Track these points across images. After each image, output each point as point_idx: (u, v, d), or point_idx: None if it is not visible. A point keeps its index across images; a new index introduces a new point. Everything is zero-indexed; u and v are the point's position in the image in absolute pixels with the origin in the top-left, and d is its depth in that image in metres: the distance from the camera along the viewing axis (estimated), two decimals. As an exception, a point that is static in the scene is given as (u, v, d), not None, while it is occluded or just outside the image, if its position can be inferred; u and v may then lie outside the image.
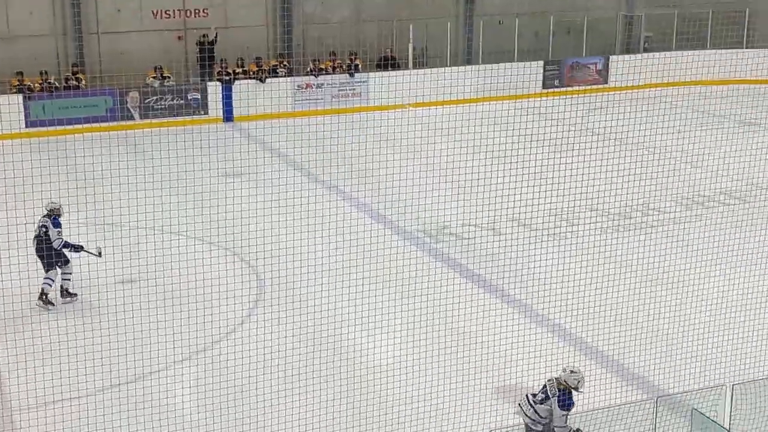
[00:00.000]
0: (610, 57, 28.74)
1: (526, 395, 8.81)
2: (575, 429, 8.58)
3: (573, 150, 17.08)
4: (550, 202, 14.05)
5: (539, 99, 26.61)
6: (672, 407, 9.35)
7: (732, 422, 8.54)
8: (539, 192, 14.03)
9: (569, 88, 27.84)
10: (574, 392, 8.54)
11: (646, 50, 29.58)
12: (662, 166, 17.38)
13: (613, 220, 16.03)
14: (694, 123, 23.34)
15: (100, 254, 12.85)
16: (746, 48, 28.79)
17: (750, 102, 25.63)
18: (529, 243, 14.72)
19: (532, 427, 8.66)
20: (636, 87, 26.06)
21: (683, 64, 25.92)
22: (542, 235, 15.25)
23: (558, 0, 29.55)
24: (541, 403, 8.60)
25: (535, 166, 13.57)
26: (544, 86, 27.84)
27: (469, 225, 15.94)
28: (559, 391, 8.53)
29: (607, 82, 28.20)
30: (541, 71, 27.82)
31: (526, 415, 8.69)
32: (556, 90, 27.71)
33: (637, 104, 19.79)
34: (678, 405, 9.41)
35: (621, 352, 11.26)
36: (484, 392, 10.35)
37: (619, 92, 26.42)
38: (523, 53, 28.12)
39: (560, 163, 15.19)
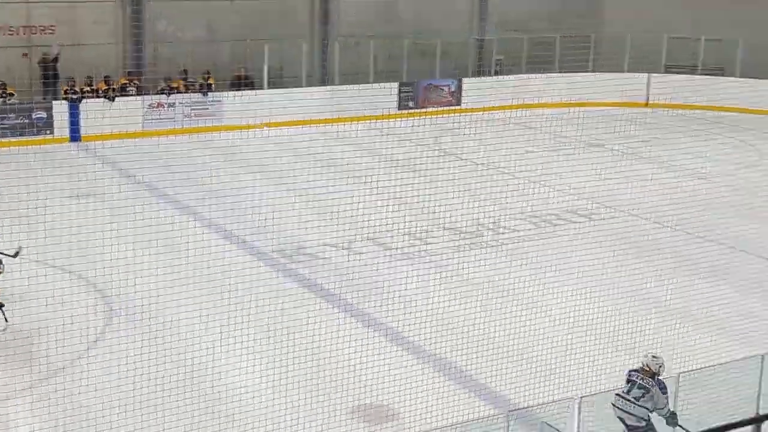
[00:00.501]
0: (463, 79, 29.36)
1: (620, 397, 8.95)
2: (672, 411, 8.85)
3: (427, 170, 17.39)
4: (405, 222, 14.20)
5: (394, 120, 26.88)
6: (523, 421, 9.51)
7: (579, 433, 8.75)
8: (394, 211, 14.17)
9: (424, 110, 28.27)
10: None
11: (497, 73, 30.40)
12: (512, 186, 17.81)
13: (466, 238, 16.30)
14: (543, 144, 24.12)
15: (16, 255, 12.18)
16: (592, 72, 29.95)
17: (595, 124, 26.65)
18: (385, 262, 14.81)
19: (637, 424, 8.81)
20: (488, 108, 26.67)
21: (533, 86, 26.86)
22: (397, 254, 15.36)
23: (412, 23, 30.02)
24: (643, 397, 8.85)
25: (390, 186, 13.66)
26: (399, 107, 28.17)
27: (325, 245, 15.89)
28: (651, 378, 8.92)
29: (460, 104, 28.78)
30: (396, 93, 28.15)
31: (632, 415, 8.83)
32: (410, 111, 28.08)
33: (489, 125, 20.30)
34: (529, 418, 9.58)
35: (474, 367, 11.41)
36: (340, 412, 10.29)
37: (471, 114, 27.08)
38: (378, 75, 28.41)
39: (415, 183, 15.39)
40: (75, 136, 23.96)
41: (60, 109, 23.92)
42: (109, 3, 26.37)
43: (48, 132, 23.73)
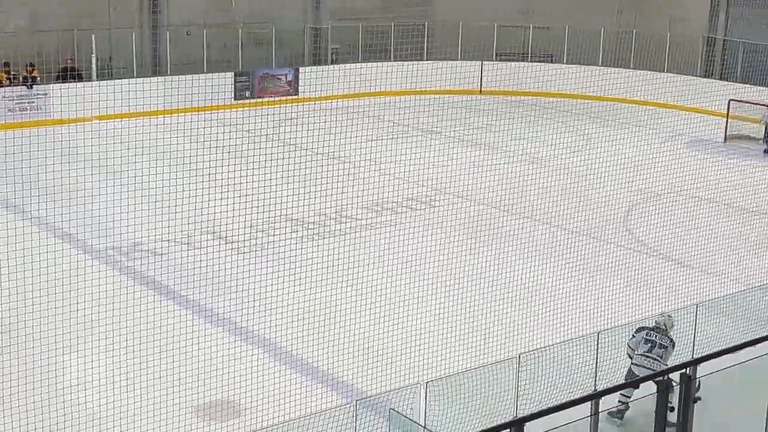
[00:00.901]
0: (300, 68, 29.22)
1: (646, 356, 9.65)
2: None
3: (267, 161, 17.17)
4: (247, 214, 13.96)
5: (231, 110, 26.50)
6: (372, 409, 9.54)
7: (427, 418, 8.84)
8: (235, 203, 13.92)
9: (261, 99, 27.96)
10: None
11: (334, 62, 30.40)
12: (353, 175, 17.85)
13: (310, 228, 16.23)
14: (382, 132, 24.33)
15: None
16: (427, 60, 30.40)
17: (432, 111, 27.11)
18: (227, 255, 14.56)
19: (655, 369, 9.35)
20: (326, 98, 26.68)
21: (369, 75, 27.01)
22: (240, 246, 15.13)
23: (247, 12, 29.62)
24: (663, 355, 9.64)
25: (230, 178, 13.41)
26: (236, 97, 27.76)
27: (163, 240, 15.47)
28: (666, 336, 9.84)
29: (297, 93, 28.63)
30: (232, 82, 27.72)
31: (662, 363, 9.49)
32: (247, 101, 27.72)
33: (328, 114, 20.26)
34: (377, 406, 9.62)
35: (322, 358, 11.37)
36: (187, 410, 10.04)
37: (309, 103, 26.98)
38: (212, 64, 27.88)
39: (255, 175, 15.17)
40: None
41: None
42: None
43: None
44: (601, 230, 16.68)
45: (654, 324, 10.09)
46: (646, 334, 9.95)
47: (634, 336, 10.09)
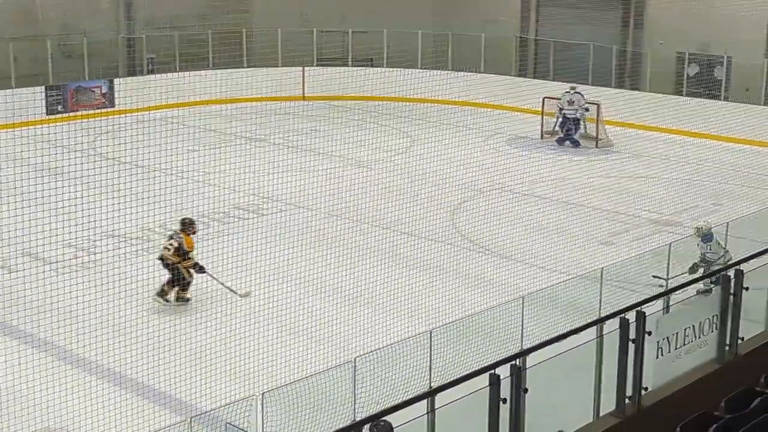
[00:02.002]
0: (115, 80, 28.36)
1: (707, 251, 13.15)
2: None
3: (85, 176, 16.53)
4: (66, 233, 13.38)
5: (43, 126, 25.37)
6: (207, 424, 9.32)
7: (265, 429, 8.71)
8: (52, 223, 13.31)
9: (75, 113, 26.91)
10: None
11: (150, 72, 29.67)
12: (177, 186, 17.42)
13: (134, 244, 15.73)
14: (205, 142, 23.92)
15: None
16: (247, 67, 30.14)
17: (256, 119, 26.88)
18: (48, 277, 13.87)
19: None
20: (143, 109, 25.96)
21: (188, 84, 26.54)
22: (61, 267, 14.49)
23: (54, 24, 28.49)
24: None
25: (46, 197, 12.82)
26: (48, 112, 26.62)
27: (-23, 265, 14.64)
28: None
29: (114, 105, 27.77)
30: (43, 97, 26.59)
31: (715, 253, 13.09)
32: (60, 116, 26.63)
33: (146, 126, 19.72)
34: (213, 421, 9.40)
35: (153, 376, 11.03)
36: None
37: (126, 115, 26.22)
38: (21, 79, 26.65)
39: (72, 191, 14.55)
40: None
41: None
42: None
43: None
44: (431, 229, 16.96)
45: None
46: (708, 232, 13.48)
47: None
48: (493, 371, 7.20)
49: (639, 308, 8.31)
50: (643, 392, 8.33)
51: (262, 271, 13.87)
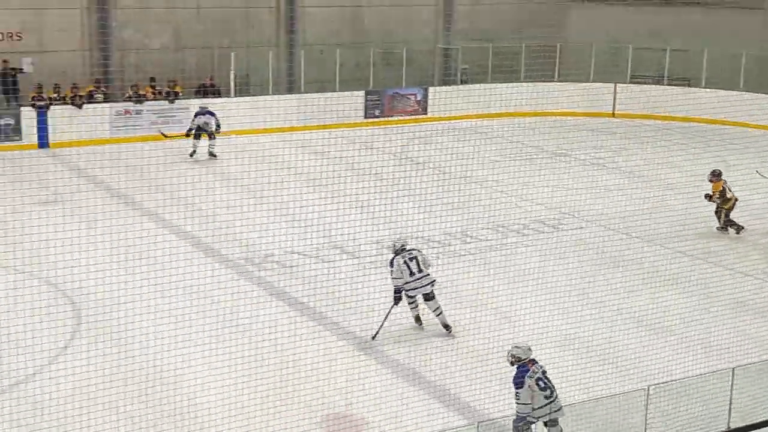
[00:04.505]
0: (429, 88, 29.45)
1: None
2: None
3: (393, 179, 17.40)
4: (373, 230, 14.17)
5: (361, 128, 26.95)
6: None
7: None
8: (362, 220, 14.16)
9: (390, 118, 28.31)
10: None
11: (463, 82, 30.52)
12: (479, 195, 17.87)
13: (434, 247, 16.32)
14: (509, 153, 24.25)
15: None
16: (557, 81, 30.20)
17: (561, 134, 26.87)
18: (353, 270, 14.78)
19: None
20: (453, 117, 26.83)
21: (498, 96, 27.02)
22: (365, 262, 15.35)
23: (378, 32, 30.08)
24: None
25: (358, 195, 13.66)
26: (366, 116, 28.20)
27: (293, 252, 15.84)
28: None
29: (426, 113, 28.87)
30: (363, 101, 28.18)
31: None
32: (377, 120, 28.13)
33: (456, 134, 20.39)
34: (498, 429, 9.59)
35: (445, 377, 11.42)
36: (308, 422, 10.25)
37: (437, 123, 27.19)
38: (344, 83, 28.42)
39: (381, 192, 15.40)
40: (43, 142, 23.72)
41: (28, 115, 23.67)
42: (75, 9, 26.14)
43: (16, 138, 23.48)
44: (740, 262, 16.13)
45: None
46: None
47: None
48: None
49: None
50: None
51: (556, 285, 13.91)
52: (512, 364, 9.48)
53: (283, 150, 20.20)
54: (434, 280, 12.76)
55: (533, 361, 9.48)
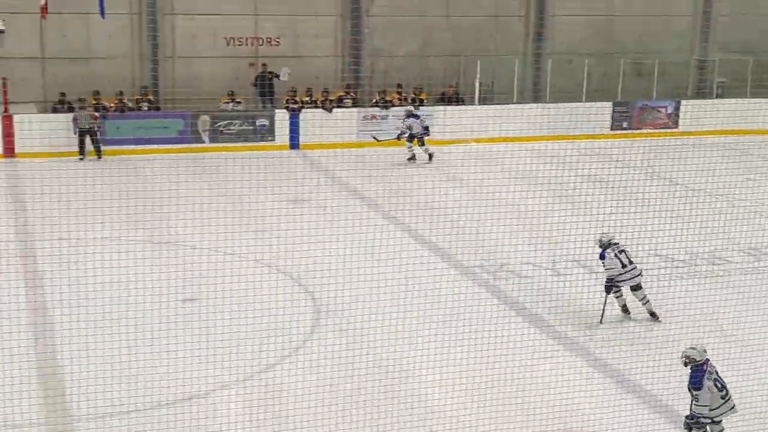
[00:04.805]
0: (681, 101, 28.35)
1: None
2: None
3: (637, 193, 16.89)
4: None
5: (606, 140, 26.37)
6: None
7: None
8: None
9: (638, 131, 27.52)
10: None
11: (719, 96, 29.14)
12: (730, 215, 16.97)
13: (678, 267, 15.70)
14: (766, 172, 22.90)
15: None
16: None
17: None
18: (587, 284, 14.48)
19: None
20: (707, 132, 25.65)
21: (757, 111, 25.57)
22: (601, 276, 15.01)
23: (629, 42, 29.31)
24: None
25: (598, 208, 13.39)
26: (612, 128, 27.58)
27: (528, 263, 15.77)
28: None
29: (677, 126, 27.83)
30: (610, 112, 27.58)
31: None
32: (624, 132, 27.43)
33: (707, 150, 19.50)
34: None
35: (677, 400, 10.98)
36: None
37: (689, 137, 26.07)
38: (591, 94, 27.93)
39: (624, 206, 14.98)
40: (294, 143, 24.99)
41: (281, 117, 25.03)
42: (331, 17, 27.33)
43: (270, 138, 24.90)
44: None
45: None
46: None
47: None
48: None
49: None
50: None
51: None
52: (686, 365, 9.50)
53: (523, 159, 20.16)
54: (641, 272, 13.34)
55: (707, 362, 9.47)
